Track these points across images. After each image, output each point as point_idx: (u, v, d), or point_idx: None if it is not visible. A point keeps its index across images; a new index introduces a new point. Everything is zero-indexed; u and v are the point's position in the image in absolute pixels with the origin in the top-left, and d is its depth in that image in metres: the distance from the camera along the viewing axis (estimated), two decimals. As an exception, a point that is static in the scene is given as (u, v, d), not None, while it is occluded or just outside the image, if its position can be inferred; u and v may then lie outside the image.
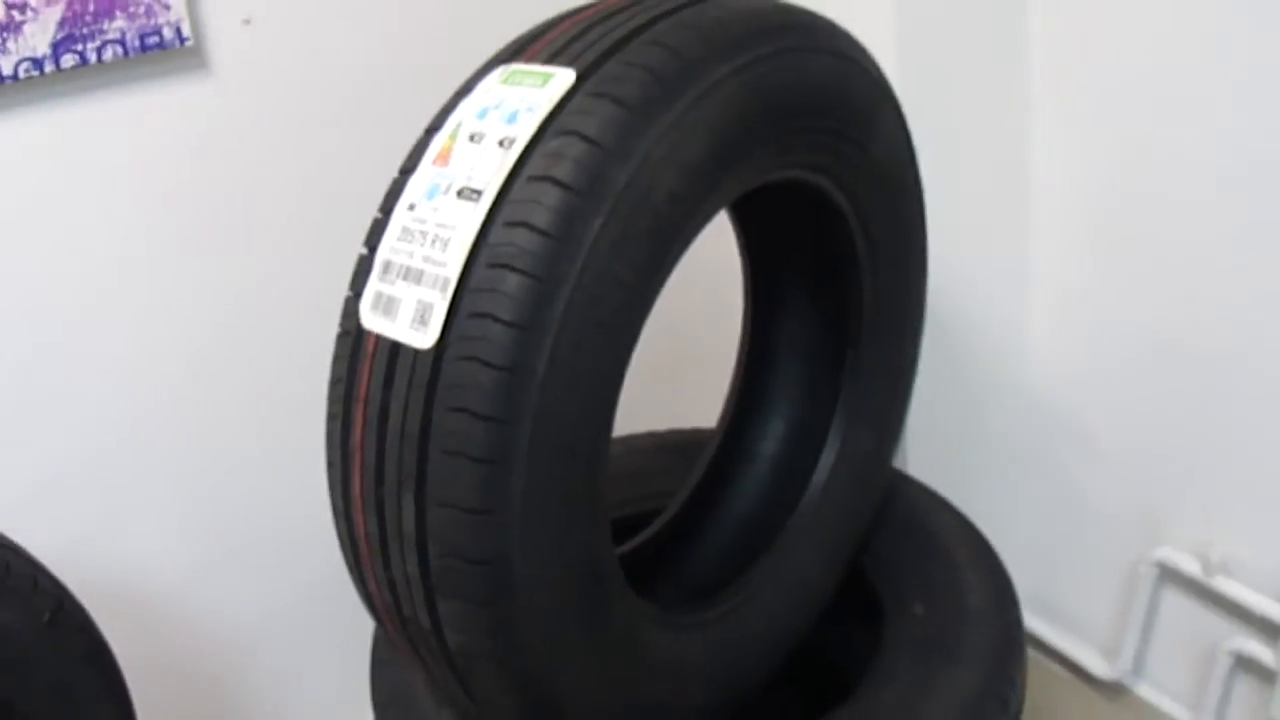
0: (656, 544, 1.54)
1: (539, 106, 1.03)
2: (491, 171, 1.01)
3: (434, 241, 1.01)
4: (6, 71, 1.52)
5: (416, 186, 1.06)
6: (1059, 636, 2.17)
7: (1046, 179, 1.88)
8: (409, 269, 1.03)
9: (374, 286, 1.06)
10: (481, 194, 1.00)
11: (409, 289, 1.02)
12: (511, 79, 1.08)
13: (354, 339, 1.07)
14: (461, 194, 1.02)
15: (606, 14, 1.13)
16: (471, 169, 1.03)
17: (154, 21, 1.59)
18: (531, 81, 1.06)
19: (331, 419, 1.11)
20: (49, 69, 1.54)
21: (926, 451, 1.95)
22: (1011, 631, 1.41)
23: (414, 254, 1.03)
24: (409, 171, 1.08)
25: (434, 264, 1.01)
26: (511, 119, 1.04)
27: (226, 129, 1.72)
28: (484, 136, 1.04)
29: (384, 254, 1.06)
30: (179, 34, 1.62)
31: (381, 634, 1.38)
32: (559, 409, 1.01)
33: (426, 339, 1.00)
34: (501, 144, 1.02)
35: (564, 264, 0.98)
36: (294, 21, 1.72)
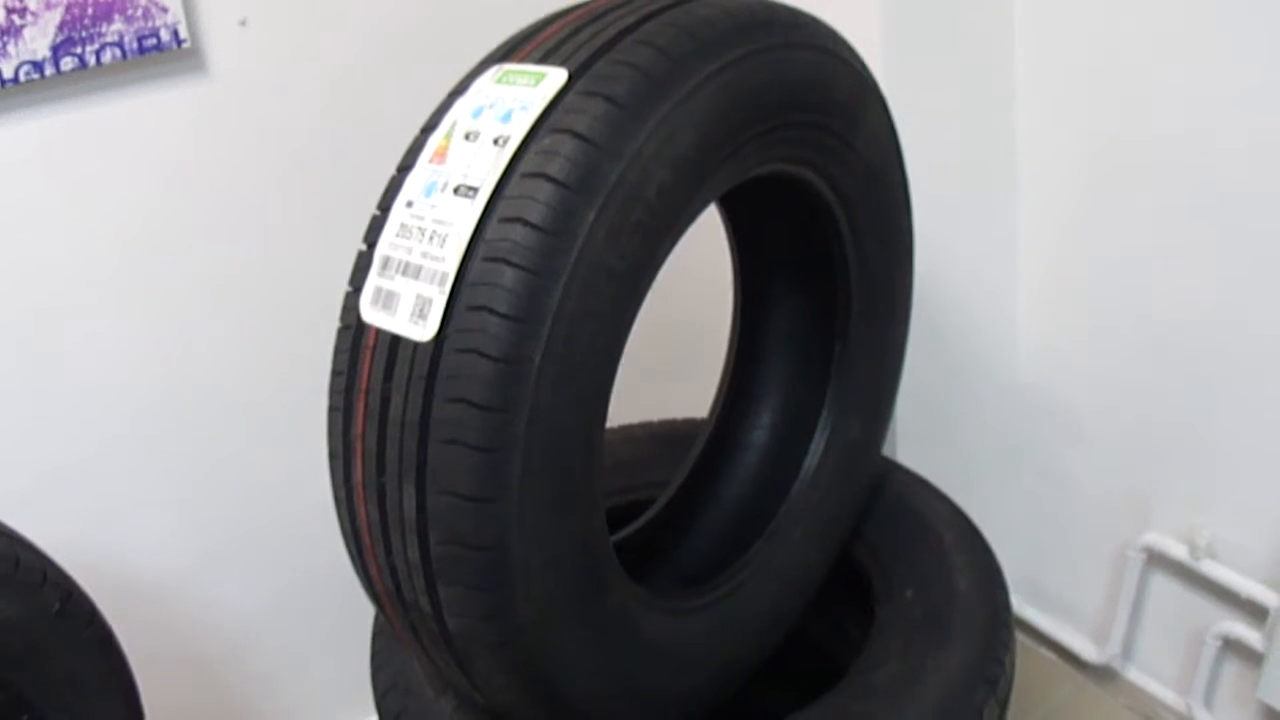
0: (650, 532, 1.56)
1: (533, 105, 1.05)
2: (487, 169, 1.03)
3: (432, 237, 1.03)
4: (7, 75, 1.53)
5: (414, 184, 1.08)
6: (1048, 621, 2.18)
7: (1032, 169, 1.89)
8: (408, 264, 1.05)
9: (374, 281, 1.08)
10: (478, 191, 1.02)
11: (408, 284, 1.04)
12: (505, 78, 1.10)
13: (354, 333, 1.09)
14: (458, 191, 1.04)
15: (597, 14, 1.15)
16: (468, 166, 1.05)
17: (151, 24, 1.61)
18: (525, 81, 1.08)
19: (333, 410, 1.13)
20: (49, 72, 1.56)
21: (916, 439, 1.97)
22: (1000, 614, 1.42)
23: (412, 250, 1.05)
24: (406, 169, 1.10)
25: (432, 259, 1.03)
26: (506, 117, 1.06)
27: (223, 130, 1.73)
28: (479, 135, 1.06)
29: (383, 250, 1.07)
30: (176, 36, 1.63)
31: (382, 620, 1.39)
32: (555, 399, 1.03)
33: (426, 332, 1.02)
34: (496, 142, 1.04)
35: (559, 258, 1.00)
36: (290, 23, 1.73)
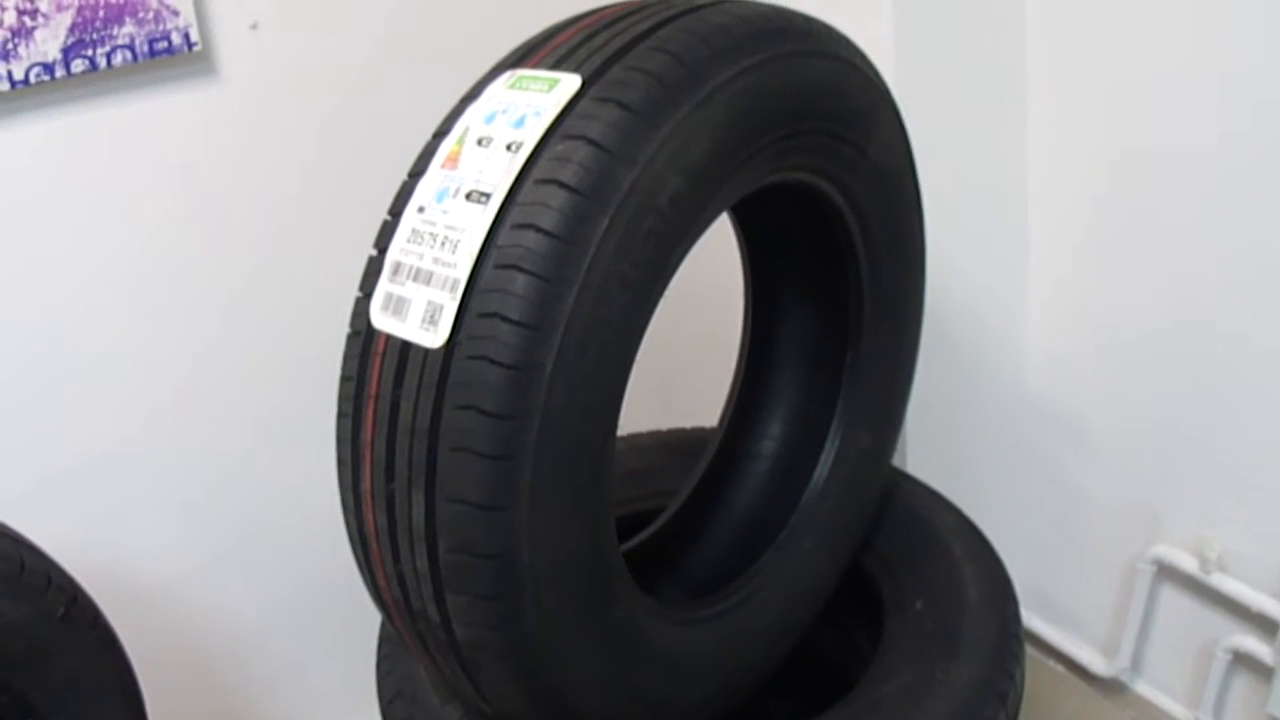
0: (659, 541, 1.55)
1: (546, 111, 1.05)
2: (499, 174, 1.03)
3: (443, 243, 1.03)
4: (18, 76, 1.53)
5: (426, 189, 1.08)
6: (1057, 634, 2.17)
7: (1043, 179, 1.89)
8: (419, 270, 1.04)
9: (384, 287, 1.07)
10: (490, 197, 1.02)
11: (419, 289, 1.04)
12: (518, 84, 1.10)
13: (364, 338, 1.09)
14: (470, 197, 1.03)
15: (610, 20, 1.14)
16: (480, 172, 1.04)
17: (163, 27, 1.61)
18: (538, 86, 1.08)
19: (342, 417, 1.12)
20: (60, 74, 1.56)
21: (926, 450, 1.96)
22: (1010, 627, 1.42)
23: (424, 255, 1.04)
24: (418, 175, 1.10)
25: (443, 265, 1.02)
26: (519, 123, 1.05)
27: (234, 133, 1.73)
28: (492, 140, 1.06)
29: (394, 255, 1.07)
30: (187, 39, 1.63)
31: (389, 628, 1.39)
32: (566, 406, 1.02)
33: (436, 338, 1.02)
34: (509, 148, 1.04)
35: (571, 265, 1.00)
36: (301, 27, 1.73)
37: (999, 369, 2.04)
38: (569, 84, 1.06)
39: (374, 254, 1.10)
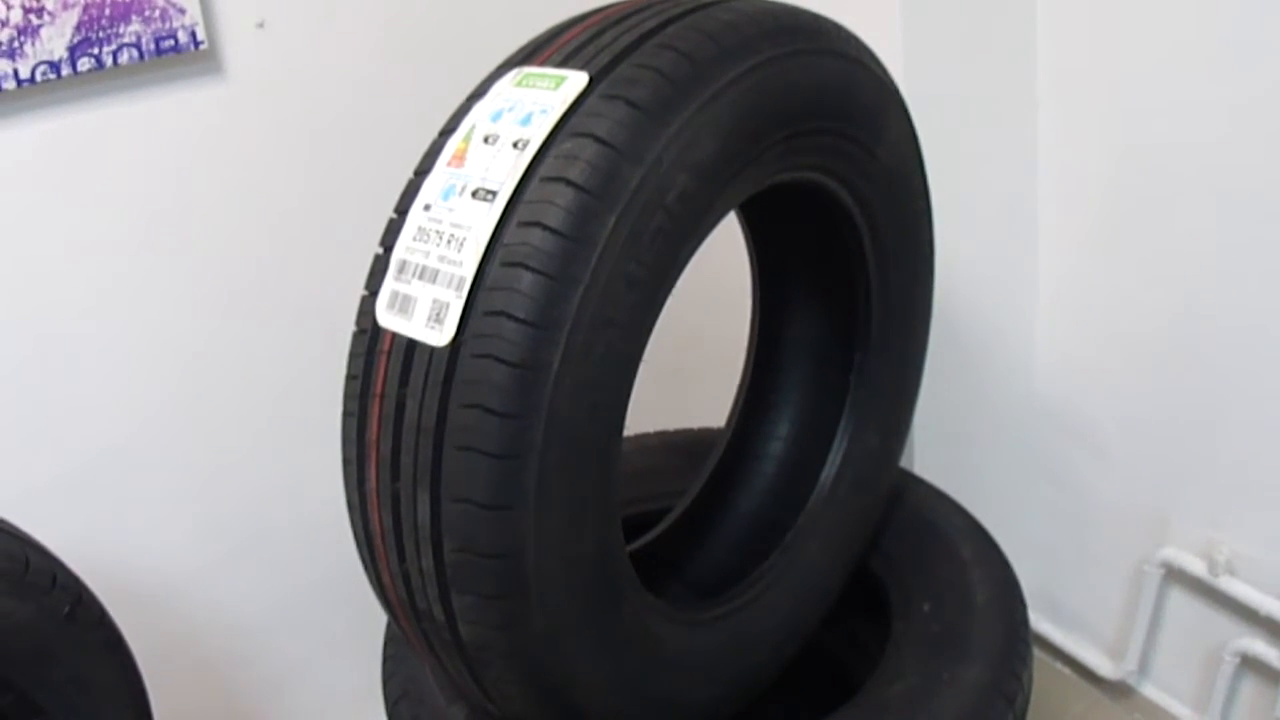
0: (666, 541, 1.55)
1: (553, 109, 1.04)
2: (506, 172, 1.02)
3: (449, 241, 1.02)
4: (24, 75, 1.53)
5: (432, 187, 1.07)
6: (1065, 636, 2.17)
7: (1053, 180, 1.88)
8: (425, 268, 1.04)
9: (390, 285, 1.07)
10: (496, 194, 1.02)
11: (425, 288, 1.03)
12: (525, 82, 1.09)
13: (370, 337, 1.08)
14: (476, 194, 1.03)
15: (618, 18, 1.14)
16: (486, 170, 1.04)
17: (169, 25, 1.61)
18: (545, 84, 1.07)
19: (348, 415, 1.12)
20: (65, 72, 1.56)
21: (934, 451, 1.95)
22: (1018, 630, 1.41)
23: (430, 253, 1.04)
24: (424, 172, 1.09)
25: (449, 263, 1.02)
26: (526, 121, 1.05)
27: (240, 131, 1.73)
28: (498, 138, 1.05)
29: (400, 253, 1.07)
30: (194, 38, 1.63)
31: (394, 628, 1.39)
32: (572, 406, 1.02)
33: (442, 337, 1.01)
34: (516, 145, 1.04)
35: (578, 263, 0.99)
36: (307, 25, 1.73)
37: (1007, 370, 2.03)
38: (576, 81, 1.06)
39: (380, 252, 1.10)
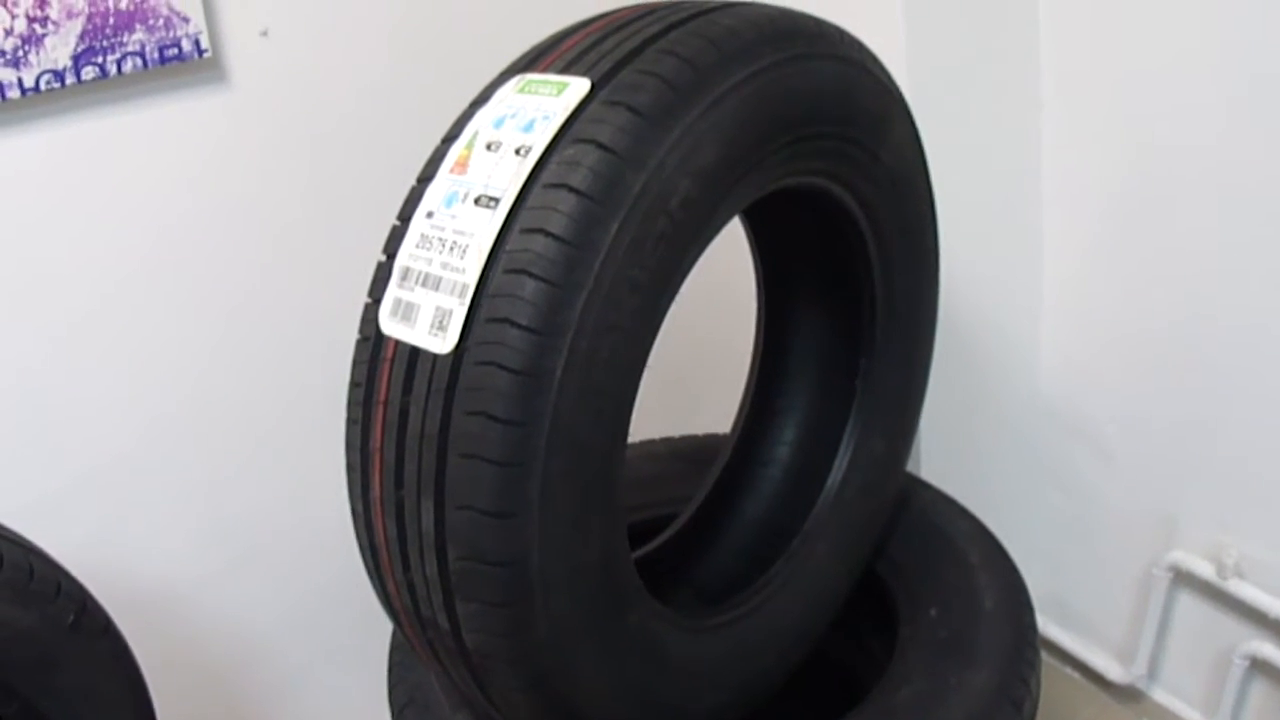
0: (672, 548, 1.55)
1: (555, 115, 1.04)
2: (509, 179, 1.02)
3: (452, 248, 1.02)
4: (28, 83, 1.53)
5: (434, 194, 1.07)
6: (1073, 640, 2.16)
7: (1058, 183, 1.88)
8: (428, 275, 1.04)
9: (393, 293, 1.07)
10: (499, 201, 1.01)
11: (428, 295, 1.03)
12: (527, 88, 1.09)
13: (373, 344, 1.08)
14: (479, 201, 1.03)
15: (620, 24, 1.14)
16: (489, 177, 1.04)
17: (173, 34, 1.61)
18: (547, 90, 1.07)
19: (351, 423, 1.12)
20: (70, 81, 1.56)
21: (940, 456, 1.95)
22: (1025, 634, 1.41)
23: (432, 261, 1.04)
24: (427, 180, 1.09)
25: (452, 270, 1.02)
26: (528, 127, 1.05)
27: (244, 139, 1.73)
28: (501, 145, 1.05)
29: (403, 261, 1.06)
30: (198, 46, 1.63)
31: (400, 635, 1.38)
32: (576, 412, 1.01)
33: (445, 344, 1.01)
34: (518, 152, 1.03)
35: (580, 270, 0.99)
36: (311, 34, 1.73)
37: (1013, 374, 2.03)
38: (578, 88, 1.05)
39: (383, 259, 1.10)
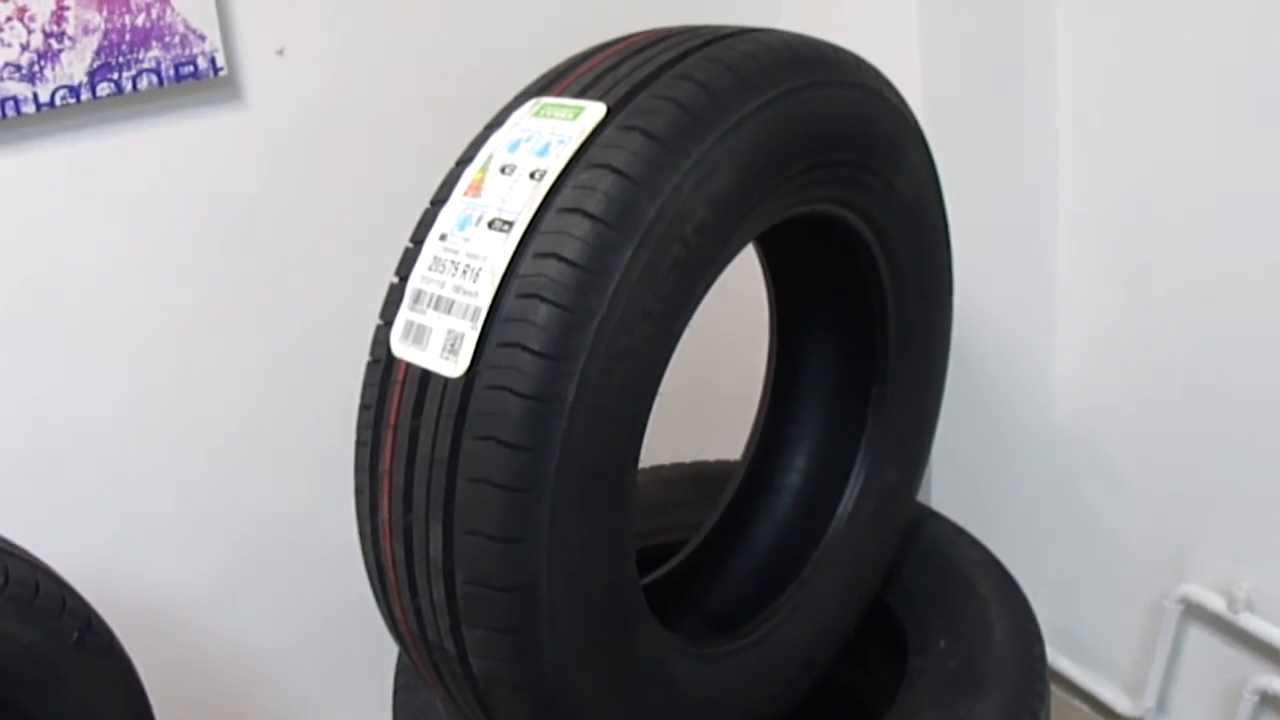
0: (681, 575, 1.54)
1: (570, 139, 1.04)
2: (523, 203, 1.02)
3: (465, 271, 1.02)
4: (44, 99, 1.53)
5: (448, 217, 1.07)
6: (1082, 673, 2.15)
7: (1073, 212, 1.88)
8: (440, 298, 1.03)
9: (405, 315, 1.06)
10: (513, 225, 1.01)
11: (439, 318, 1.03)
12: (542, 112, 1.09)
13: (384, 367, 1.08)
14: (493, 225, 1.02)
15: (636, 49, 1.14)
16: (503, 200, 1.03)
17: (189, 51, 1.61)
18: (562, 114, 1.07)
19: (361, 445, 1.11)
20: (85, 97, 1.56)
21: (951, 485, 1.95)
22: (1035, 666, 1.40)
23: (445, 284, 1.03)
24: (441, 202, 1.09)
25: (465, 294, 1.01)
26: (543, 151, 1.04)
27: (258, 158, 1.73)
28: (515, 168, 1.05)
29: (415, 283, 1.06)
30: (213, 64, 1.63)
31: (405, 659, 1.38)
32: (587, 438, 1.01)
33: (456, 368, 1.00)
34: (533, 176, 1.03)
35: (594, 295, 0.98)
36: (327, 53, 1.73)
37: (1026, 403, 2.02)
38: (594, 112, 1.05)
39: (395, 281, 1.09)
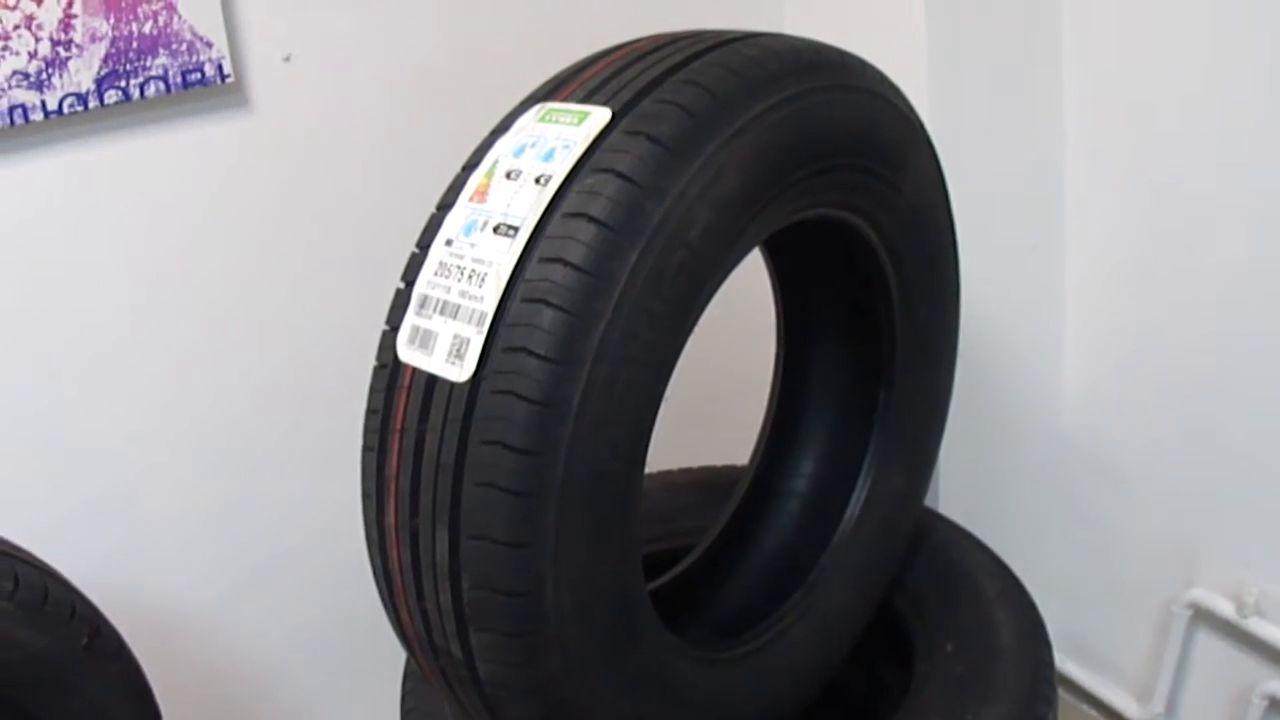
0: (688, 579, 1.54)
1: (575, 144, 1.04)
2: (528, 208, 1.02)
3: (471, 276, 1.02)
4: (51, 106, 1.54)
5: (454, 222, 1.07)
6: (1091, 678, 2.15)
7: (1079, 215, 1.88)
8: (446, 303, 1.03)
9: (411, 320, 1.06)
10: (518, 230, 1.01)
11: (446, 323, 1.03)
12: (548, 117, 1.09)
13: (390, 372, 1.08)
14: (498, 230, 1.03)
15: (641, 53, 1.14)
16: (508, 205, 1.04)
17: (196, 59, 1.61)
18: (568, 119, 1.07)
19: (367, 450, 1.11)
20: (93, 104, 1.56)
21: (959, 489, 1.94)
22: (1043, 671, 1.39)
23: (451, 289, 1.03)
24: (446, 207, 1.09)
25: (470, 299, 1.01)
26: (548, 156, 1.05)
27: (266, 165, 1.73)
28: (521, 173, 1.05)
29: (421, 288, 1.06)
30: (220, 71, 1.64)
31: (413, 663, 1.38)
32: (593, 443, 1.01)
33: (462, 372, 1.01)
34: (538, 181, 1.03)
35: (599, 299, 0.98)
36: (333, 59, 1.74)
37: (1034, 407, 2.02)
38: (599, 117, 1.05)
39: (401, 287, 1.10)
